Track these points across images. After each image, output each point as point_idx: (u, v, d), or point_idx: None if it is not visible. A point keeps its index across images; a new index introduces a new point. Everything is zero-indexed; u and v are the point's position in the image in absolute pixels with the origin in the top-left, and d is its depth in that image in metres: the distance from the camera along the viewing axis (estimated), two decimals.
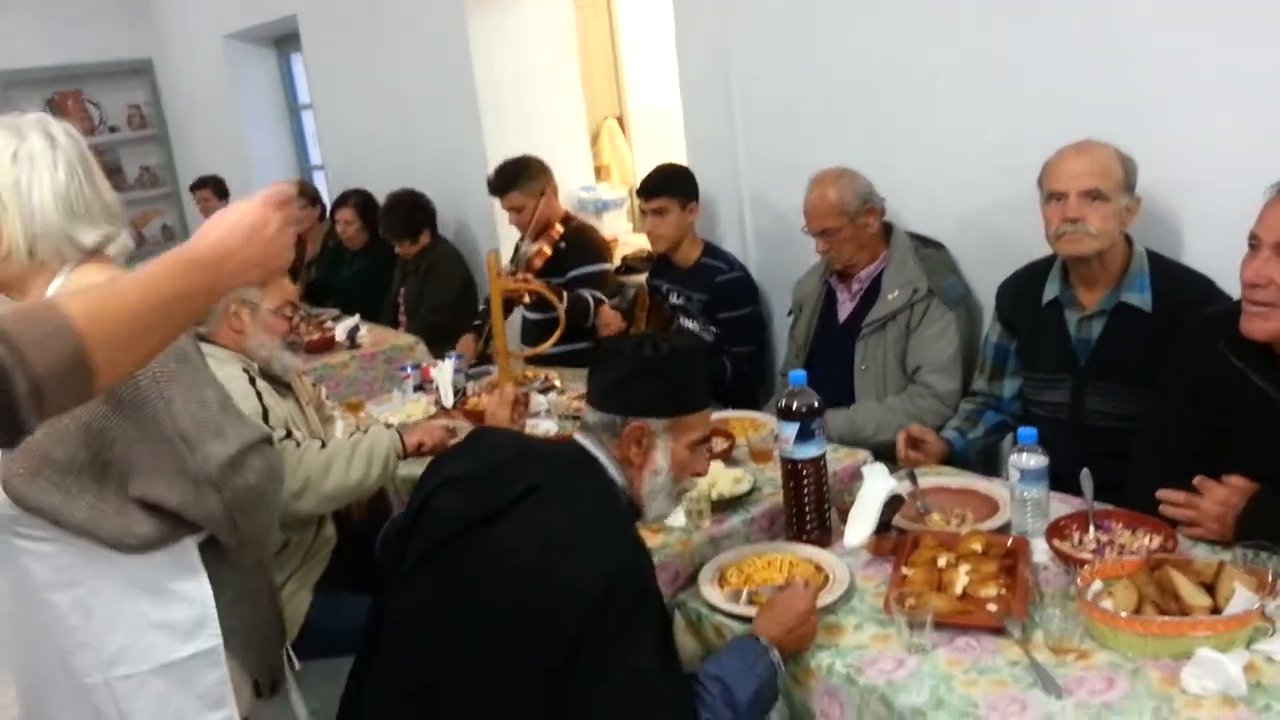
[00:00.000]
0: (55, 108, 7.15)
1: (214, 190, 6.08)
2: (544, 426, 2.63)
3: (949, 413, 2.48)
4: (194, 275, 1.16)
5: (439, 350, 3.93)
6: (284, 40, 6.18)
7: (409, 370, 3.20)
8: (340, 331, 3.90)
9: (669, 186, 3.12)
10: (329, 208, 5.11)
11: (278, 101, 6.54)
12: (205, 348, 2.43)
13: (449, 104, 4.45)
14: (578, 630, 1.36)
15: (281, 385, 2.51)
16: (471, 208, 4.57)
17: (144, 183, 7.59)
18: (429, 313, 4.23)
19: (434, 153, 4.65)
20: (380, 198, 4.87)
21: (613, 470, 1.59)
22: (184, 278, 1.15)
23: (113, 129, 7.43)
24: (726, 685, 1.49)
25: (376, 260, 4.83)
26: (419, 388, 3.14)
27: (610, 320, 3.49)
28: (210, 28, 6.28)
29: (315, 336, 3.82)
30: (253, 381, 2.37)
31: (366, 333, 3.96)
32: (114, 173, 7.51)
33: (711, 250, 3.20)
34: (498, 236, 4.40)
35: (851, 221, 2.62)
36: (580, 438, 1.62)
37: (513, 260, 3.84)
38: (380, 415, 2.97)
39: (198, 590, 1.55)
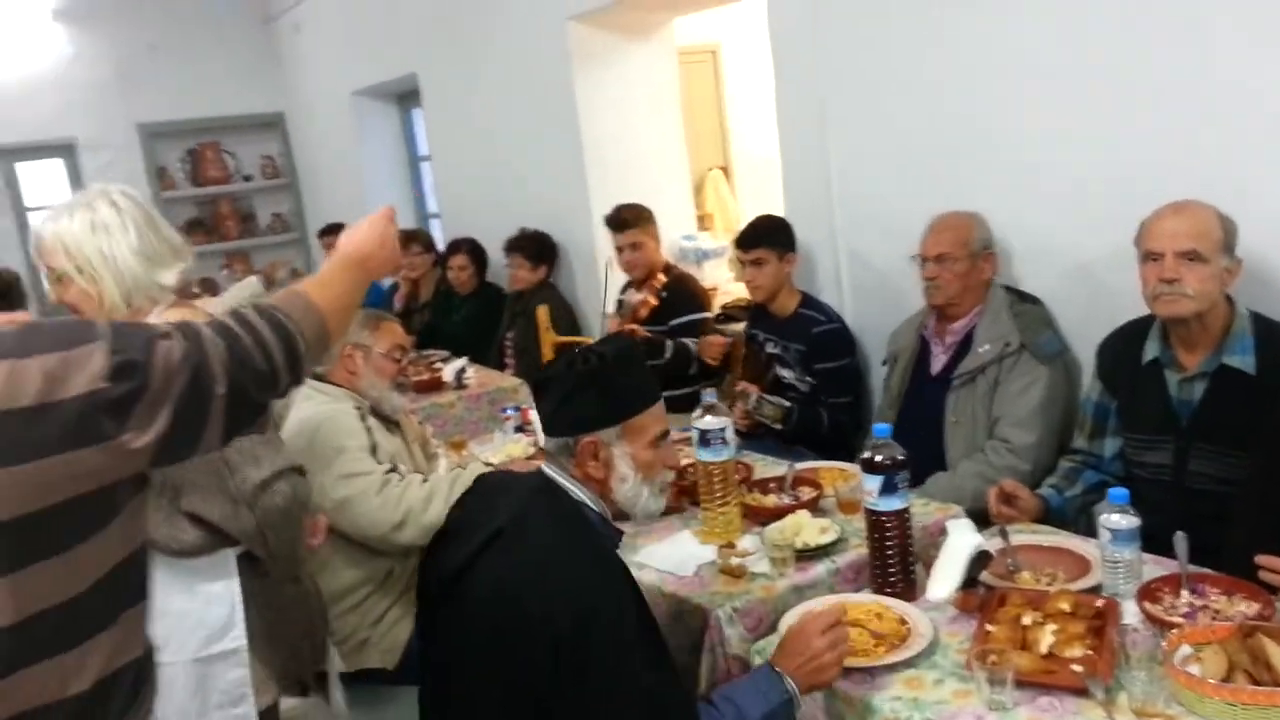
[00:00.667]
0: (196, 157, 7.65)
1: (339, 237, 6.37)
2: None
3: (1025, 467, 2.45)
4: (353, 270, 1.48)
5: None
6: (406, 96, 6.50)
7: (510, 412, 3.30)
8: (448, 373, 4.04)
9: (766, 238, 3.17)
10: (442, 254, 5.33)
11: (399, 153, 6.86)
12: (321, 386, 2.60)
13: (555, 156, 4.62)
14: (555, 662, 1.43)
15: (390, 423, 2.64)
16: (574, 257, 4.71)
17: (275, 229, 8.02)
18: (538, 356, 4.36)
19: (540, 204, 4.81)
20: (489, 245, 5.08)
21: (578, 492, 1.63)
22: (350, 271, 1.48)
23: (247, 178, 7.88)
24: (738, 706, 1.54)
25: (485, 304, 5.01)
26: (519, 429, 3.24)
27: (713, 342, 3.56)
28: (339, 85, 6.65)
29: (424, 377, 3.98)
30: (363, 418, 2.50)
31: (473, 374, 4.10)
32: (247, 219, 7.97)
33: (809, 301, 3.24)
34: (599, 285, 4.51)
35: (970, 258, 2.64)
36: (545, 466, 1.66)
37: (618, 310, 3.94)
38: (481, 454, 3.07)
39: (229, 594, 1.75)
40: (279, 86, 7.68)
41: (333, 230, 6.39)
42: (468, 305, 5.10)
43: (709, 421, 2.18)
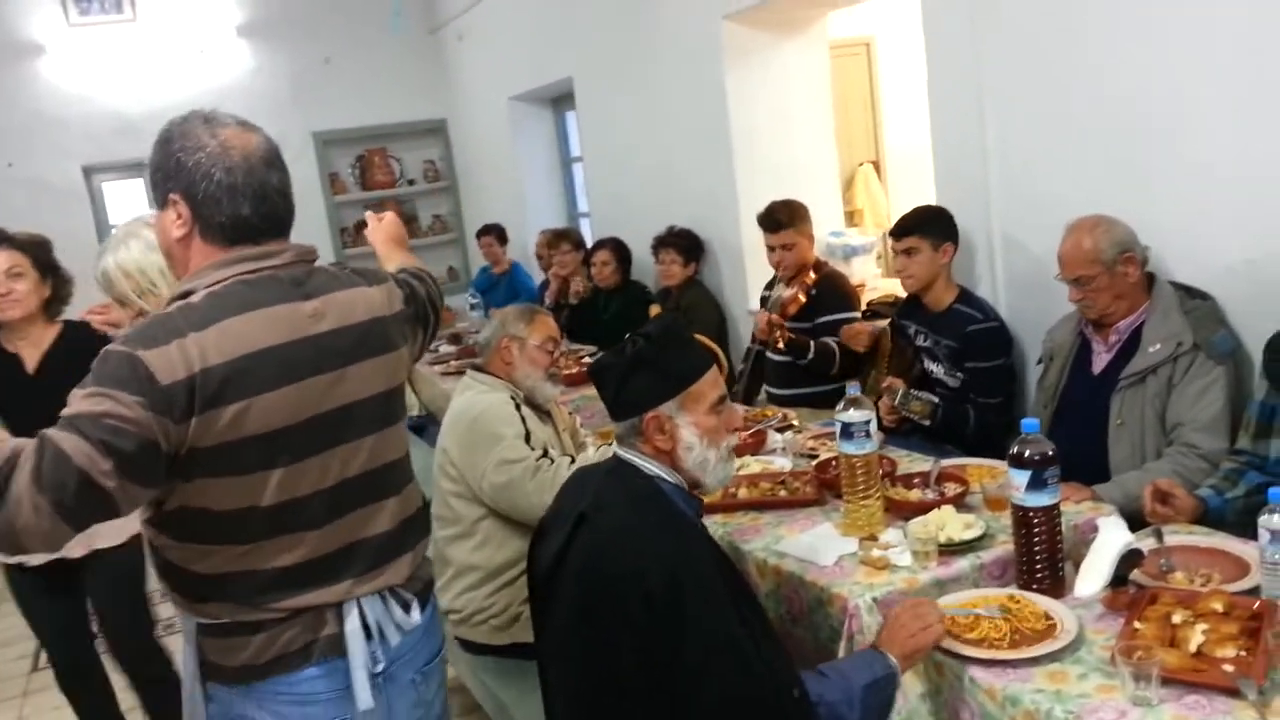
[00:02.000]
0: (365, 163, 8.10)
1: (496, 237, 6.67)
2: (779, 463, 2.73)
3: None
4: (403, 247, 2.11)
5: None
6: (560, 100, 6.71)
7: None
8: None
9: (920, 226, 3.11)
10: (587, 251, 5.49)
11: (552, 155, 7.08)
12: (479, 376, 2.75)
13: (704, 154, 4.69)
14: (648, 619, 1.51)
15: (542, 412, 2.77)
16: (722, 253, 4.76)
17: (435, 229, 8.40)
18: None
19: (689, 201, 4.89)
20: (637, 243, 5.20)
21: (651, 467, 1.71)
22: (402, 244, 2.12)
23: (410, 181, 8.29)
24: (844, 674, 1.64)
25: (630, 300, 5.13)
26: None
27: (860, 330, 3.54)
28: (497, 90, 6.92)
29: (574, 370, 4.12)
30: (518, 407, 2.64)
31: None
32: (410, 221, 8.37)
33: (966, 296, 3.16)
34: (745, 283, 4.56)
35: (1108, 270, 2.54)
36: (617, 449, 1.77)
37: (764, 305, 3.97)
38: None
39: None
40: (442, 94, 8.04)
41: (489, 231, 6.67)
42: (614, 302, 5.23)
43: (852, 415, 2.20)
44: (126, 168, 7.30)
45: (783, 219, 3.76)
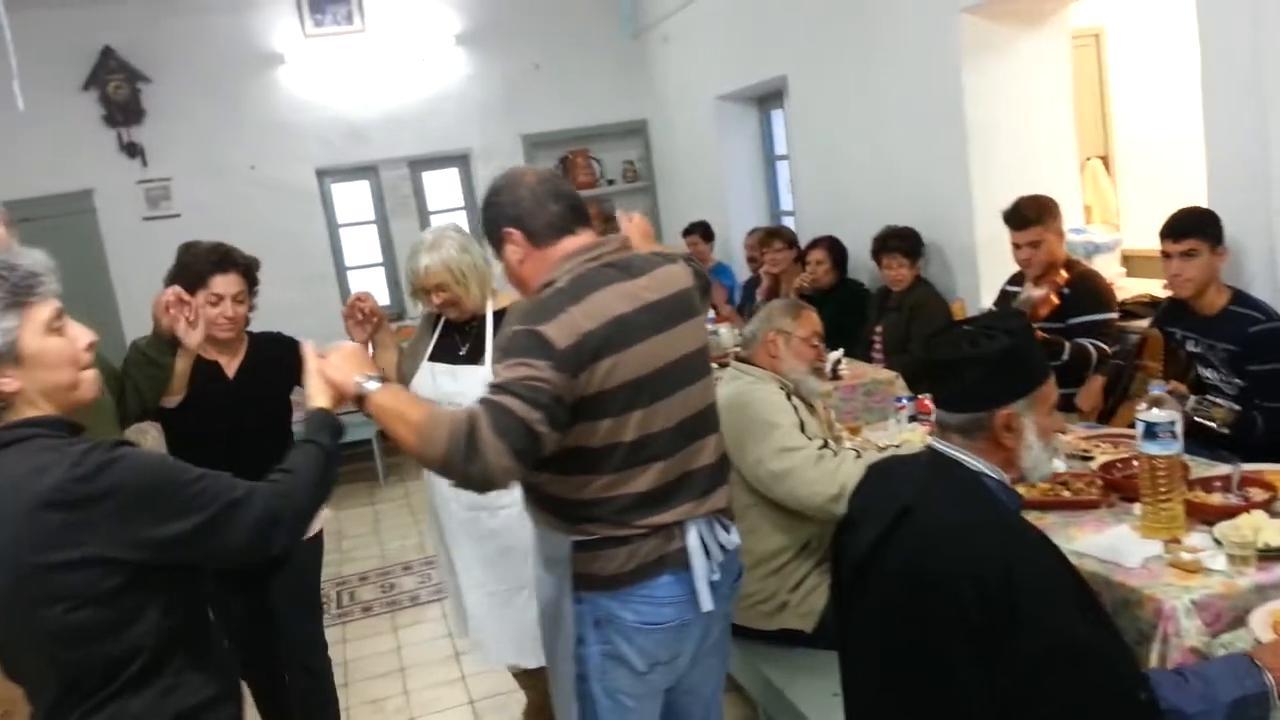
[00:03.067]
0: (568, 164, 8.35)
1: (701, 234, 6.76)
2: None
3: None
4: (652, 241, 2.42)
5: (921, 387, 4.07)
6: (767, 98, 6.73)
7: (904, 401, 3.38)
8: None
9: (1200, 228, 2.98)
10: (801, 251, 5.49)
11: (755, 154, 7.11)
12: (745, 367, 2.81)
13: (933, 149, 4.60)
14: (984, 618, 1.50)
15: (808, 405, 2.81)
16: (951, 251, 4.67)
17: None
18: (917, 349, 4.39)
19: (912, 199, 4.82)
20: (850, 242, 5.16)
21: (976, 463, 1.71)
22: (651, 238, 2.44)
23: (610, 181, 8.49)
24: (1209, 682, 1.54)
25: (846, 299, 5.09)
26: (913, 418, 3.31)
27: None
28: (704, 91, 7.00)
29: None
30: (788, 396, 2.68)
31: (847, 366, 4.21)
32: (609, 219, 8.54)
33: (1242, 298, 2.99)
34: (978, 282, 4.46)
35: None
36: (935, 443, 1.76)
37: (1002, 302, 3.88)
38: (877, 440, 3.18)
39: None
40: (643, 95, 8.20)
41: (695, 229, 6.76)
42: (831, 301, 5.20)
43: (1157, 415, 2.14)
44: (354, 170, 7.78)
45: (1031, 215, 3.65)
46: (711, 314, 5.64)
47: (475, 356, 2.78)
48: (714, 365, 4.63)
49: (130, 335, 7.15)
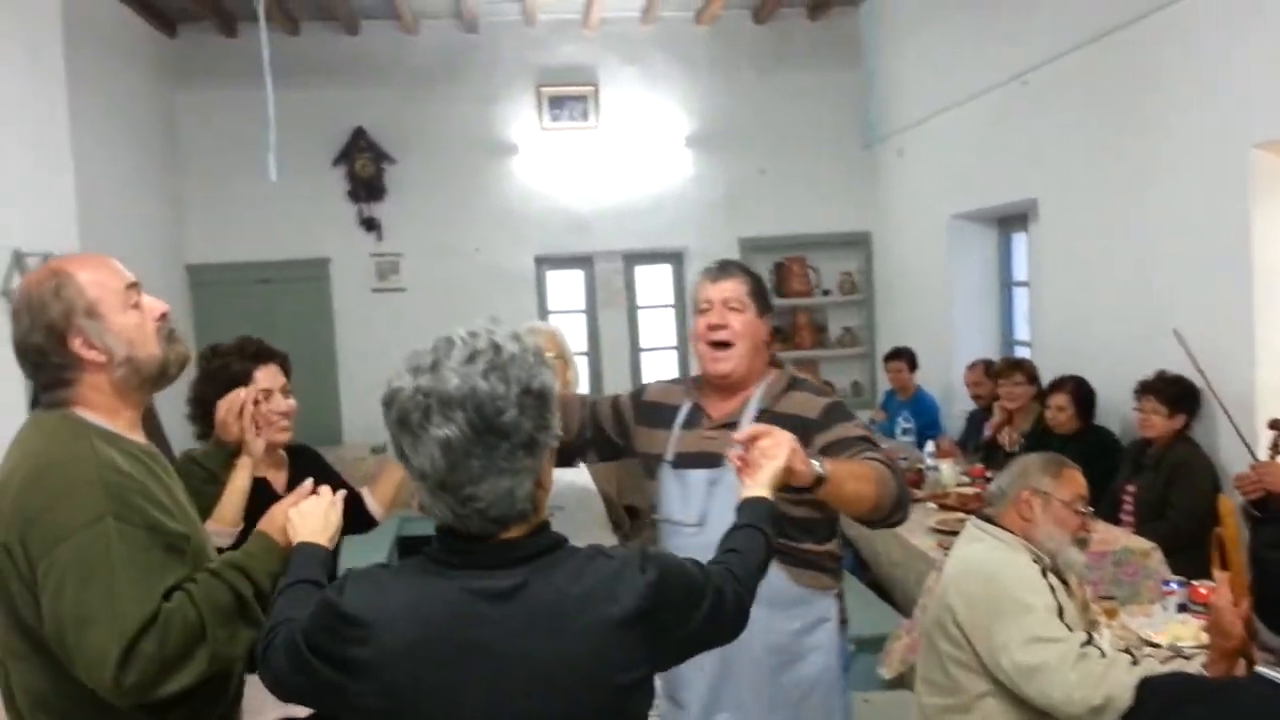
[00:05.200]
0: (783, 270, 8.13)
1: (907, 362, 6.35)
2: None
3: None
4: None
5: (1178, 562, 3.52)
6: (1008, 220, 6.31)
7: (1174, 586, 2.87)
8: None
9: None
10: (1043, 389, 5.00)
11: (990, 277, 6.66)
12: (989, 529, 2.42)
13: (1210, 291, 4.08)
14: None
15: (1063, 582, 2.38)
16: (1217, 406, 4.08)
17: (844, 342, 8.22)
18: (1178, 518, 3.83)
19: (1175, 343, 4.26)
20: (1098, 384, 4.64)
21: None
22: None
23: (825, 292, 8.20)
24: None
25: (1088, 449, 4.54)
26: (1183, 607, 2.80)
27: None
28: (936, 207, 6.66)
29: None
30: (1044, 574, 2.28)
31: (1093, 528, 3.69)
32: (820, 330, 8.28)
33: None
34: (1255, 444, 3.86)
35: None
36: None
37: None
38: (1138, 630, 2.69)
39: None
40: (869, 207, 7.93)
41: (899, 355, 6.37)
42: (1071, 447, 4.66)
43: None
44: (570, 260, 7.89)
45: None
46: (930, 447, 5.21)
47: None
48: (931, 504, 4.24)
49: (347, 397, 7.65)
